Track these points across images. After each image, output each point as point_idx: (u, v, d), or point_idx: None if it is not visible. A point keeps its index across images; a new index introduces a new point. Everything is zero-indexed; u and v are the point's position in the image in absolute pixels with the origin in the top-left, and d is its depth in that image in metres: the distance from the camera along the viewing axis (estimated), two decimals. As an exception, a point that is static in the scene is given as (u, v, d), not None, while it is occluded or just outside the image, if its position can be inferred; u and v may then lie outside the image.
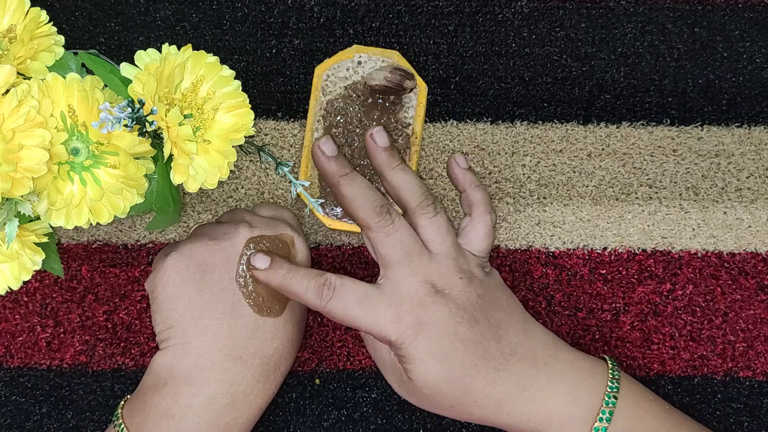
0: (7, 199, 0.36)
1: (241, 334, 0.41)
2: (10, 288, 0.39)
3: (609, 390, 0.39)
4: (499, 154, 0.49)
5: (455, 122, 0.50)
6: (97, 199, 0.36)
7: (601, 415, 0.39)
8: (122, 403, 0.42)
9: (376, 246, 0.41)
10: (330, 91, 0.48)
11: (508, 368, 0.40)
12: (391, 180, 0.43)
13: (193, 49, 0.37)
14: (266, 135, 0.49)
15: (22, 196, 0.35)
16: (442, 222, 0.42)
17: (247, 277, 0.42)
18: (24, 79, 0.37)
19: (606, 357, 0.42)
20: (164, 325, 0.41)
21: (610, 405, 0.39)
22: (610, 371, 0.41)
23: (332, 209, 0.47)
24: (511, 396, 0.40)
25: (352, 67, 0.48)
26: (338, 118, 0.48)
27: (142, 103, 0.35)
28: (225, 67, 0.38)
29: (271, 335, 0.42)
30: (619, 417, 0.39)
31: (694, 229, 0.49)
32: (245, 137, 0.39)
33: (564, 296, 0.48)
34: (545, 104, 0.49)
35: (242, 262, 0.42)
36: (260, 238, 0.42)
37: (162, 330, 0.42)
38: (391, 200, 0.44)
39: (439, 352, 0.39)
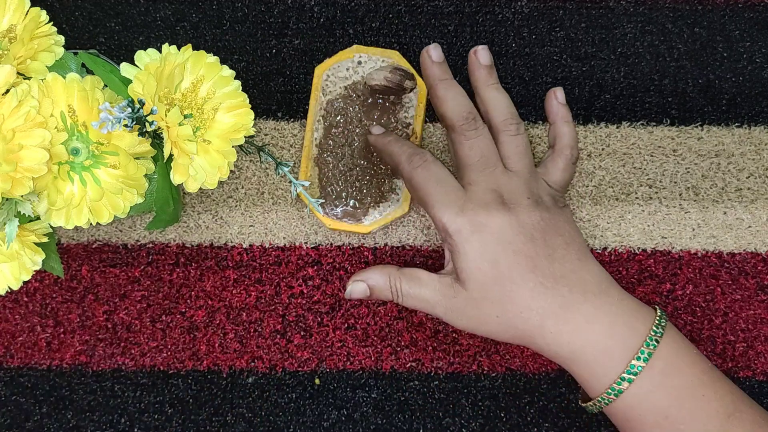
0: (7, 199, 0.36)
1: None
2: (10, 288, 0.39)
3: (653, 333, 0.40)
4: (499, 154, 0.49)
5: (455, 122, 0.49)
6: (97, 199, 0.36)
7: (639, 354, 0.39)
8: None
9: (456, 147, 0.44)
10: (330, 91, 0.48)
11: (556, 289, 0.41)
12: (484, 95, 0.46)
13: (193, 49, 0.37)
14: (266, 135, 0.49)
15: (22, 196, 0.35)
16: (521, 142, 0.44)
17: None
18: (24, 79, 0.37)
19: (657, 306, 0.43)
20: None
21: (650, 347, 0.39)
22: (658, 318, 0.41)
23: (332, 209, 0.47)
24: (554, 313, 0.40)
25: (352, 67, 0.48)
26: (338, 118, 0.48)
27: (142, 103, 0.35)
28: (225, 67, 0.38)
29: None
30: (658, 361, 0.39)
31: (694, 229, 0.49)
32: (245, 137, 0.39)
33: (564, 296, 0.48)
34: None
35: None
36: None
37: None
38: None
39: (491, 253, 0.41)
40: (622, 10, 0.49)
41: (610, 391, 0.40)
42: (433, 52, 0.46)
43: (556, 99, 0.47)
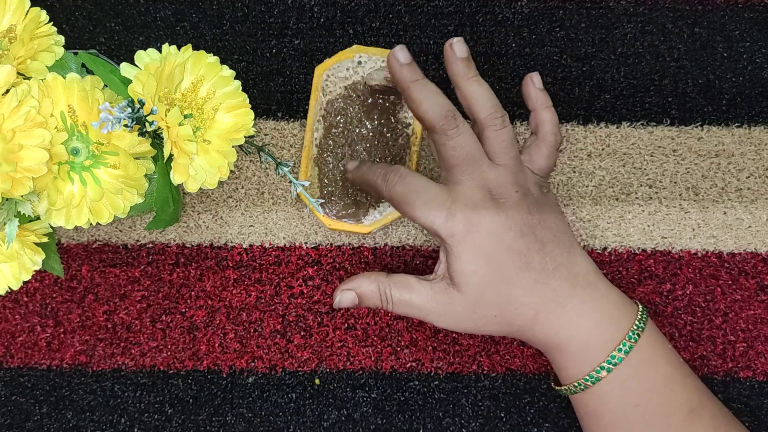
0: (7, 199, 0.36)
1: None
2: (10, 288, 0.39)
3: (635, 328, 0.41)
4: (499, 154, 0.49)
5: (455, 122, 0.49)
6: (97, 199, 0.36)
7: (620, 346, 0.41)
8: None
9: (440, 148, 0.43)
10: (330, 91, 0.48)
11: (548, 283, 0.41)
12: (465, 90, 0.44)
13: (193, 49, 0.37)
14: (266, 135, 0.49)
15: (22, 196, 0.35)
16: (507, 136, 0.43)
17: None
18: (24, 79, 0.37)
19: (638, 302, 0.43)
20: None
21: (632, 341, 0.41)
22: (640, 313, 0.42)
23: (332, 209, 0.47)
24: (547, 308, 0.41)
25: (352, 67, 0.48)
26: (338, 118, 0.48)
27: (142, 103, 0.35)
28: (225, 67, 0.38)
29: None
30: (636, 353, 0.41)
31: (694, 229, 0.49)
32: (245, 137, 0.39)
33: (564, 296, 0.48)
34: (545, 104, 0.49)
35: None
36: None
37: None
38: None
39: (485, 254, 0.41)
40: (622, 10, 0.49)
41: (588, 377, 0.41)
42: (400, 54, 0.43)
43: (534, 85, 0.46)
